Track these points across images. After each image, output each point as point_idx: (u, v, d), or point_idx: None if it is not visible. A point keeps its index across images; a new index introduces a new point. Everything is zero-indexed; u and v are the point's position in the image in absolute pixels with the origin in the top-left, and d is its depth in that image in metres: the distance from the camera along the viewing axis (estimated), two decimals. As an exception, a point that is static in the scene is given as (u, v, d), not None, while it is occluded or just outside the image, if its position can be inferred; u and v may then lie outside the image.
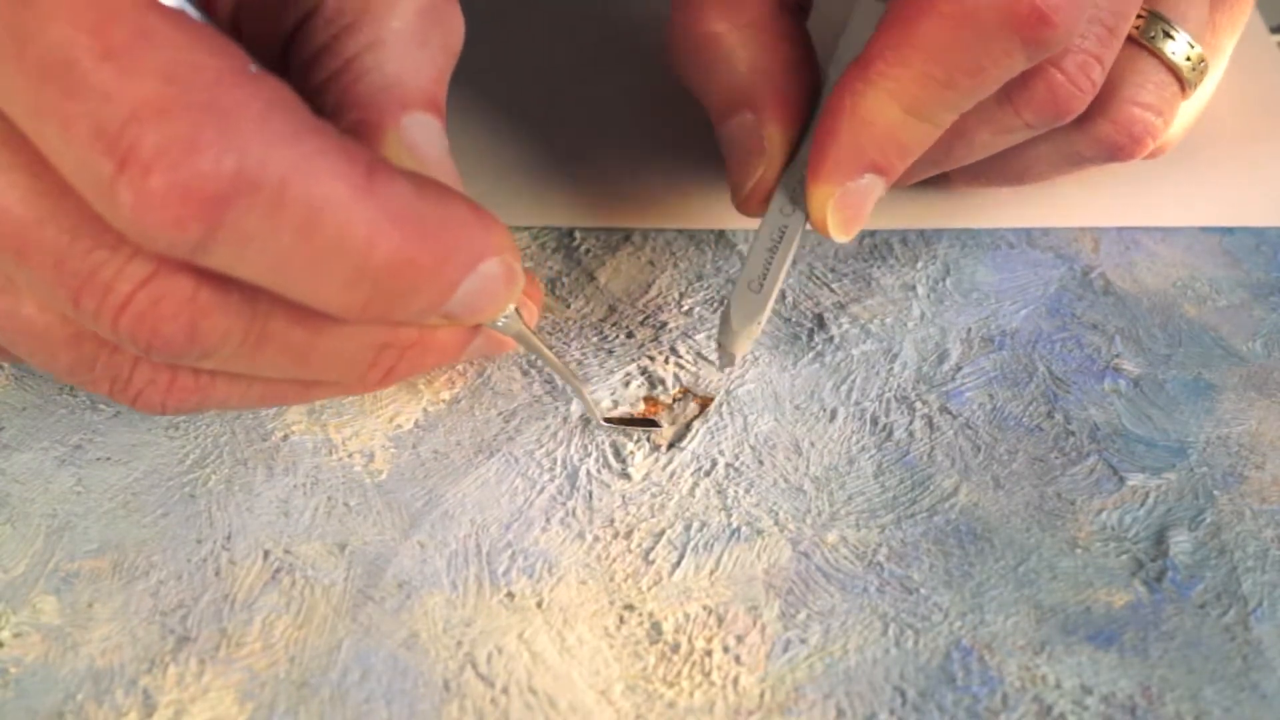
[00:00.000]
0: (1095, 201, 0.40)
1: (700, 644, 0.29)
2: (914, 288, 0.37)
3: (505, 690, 0.28)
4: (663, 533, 0.31)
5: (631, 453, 0.33)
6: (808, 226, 0.32)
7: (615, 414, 0.34)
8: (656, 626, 0.29)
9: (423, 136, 0.27)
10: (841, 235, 0.31)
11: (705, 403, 0.34)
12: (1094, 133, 0.34)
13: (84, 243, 0.23)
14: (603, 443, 0.33)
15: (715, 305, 0.37)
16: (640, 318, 0.36)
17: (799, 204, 0.32)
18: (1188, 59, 0.33)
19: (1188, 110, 0.36)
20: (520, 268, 0.27)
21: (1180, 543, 0.30)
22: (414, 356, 0.28)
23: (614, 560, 0.30)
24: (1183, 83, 0.34)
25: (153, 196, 0.21)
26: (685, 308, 0.37)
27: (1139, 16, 0.33)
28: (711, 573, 0.30)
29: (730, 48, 0.32)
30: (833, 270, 0.38)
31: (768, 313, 0.32)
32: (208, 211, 0.21)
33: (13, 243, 0.23)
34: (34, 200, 0.23)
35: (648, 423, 0.33)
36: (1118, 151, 0.34)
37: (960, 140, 0.32)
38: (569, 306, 0.37)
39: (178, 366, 0.26)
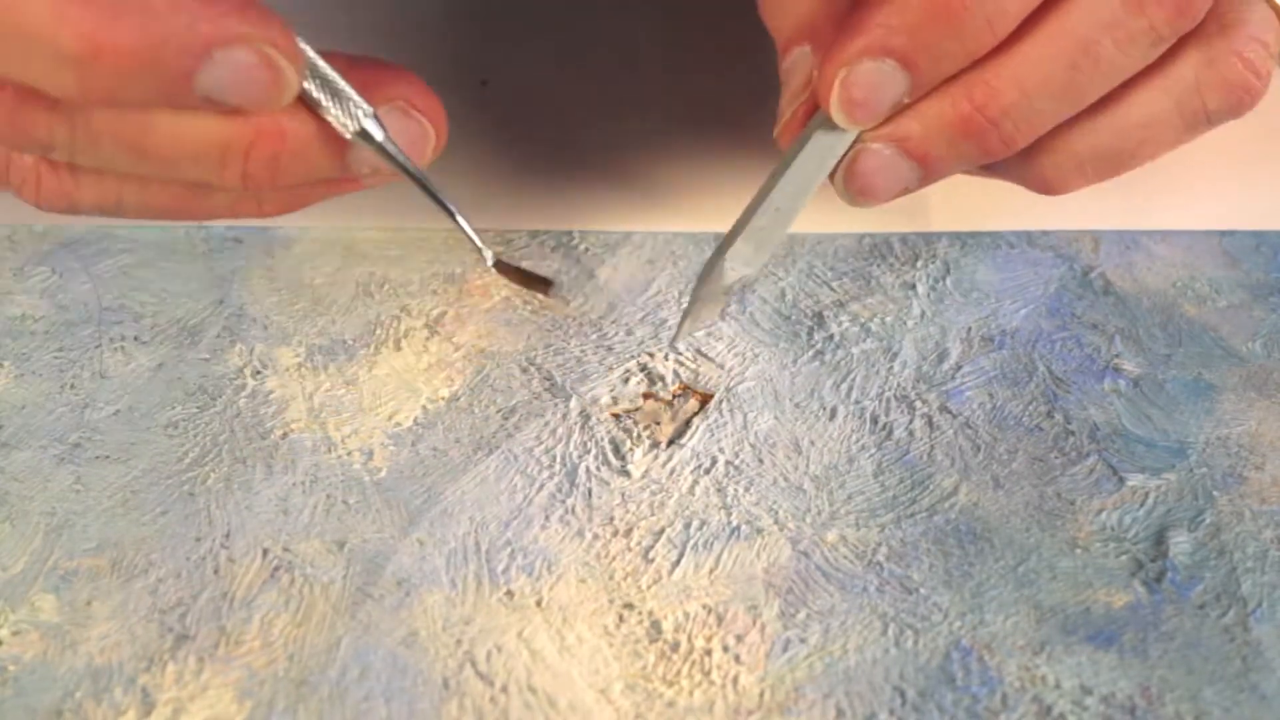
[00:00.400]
0: (1094, 205, 0.40)
1: (700, 643, 0.29)
2: (914, 286, 0.37)
3: (505, 689, 0.28)
4: (662, 531, 0.31)
5: (631, 449, 0.33)
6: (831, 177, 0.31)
7: (617, 409, 0.34)
8: (656, 625, 0.29)
9: None
10: (843, 117, 0.29)
11: (705, 399, 0.34)
12: (1223, 73, 0.31)
13: None
14: (602, 439, 0.33)
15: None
16: (640, 315, 0.36)
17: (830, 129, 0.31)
18: None
19: None
20: (287, 59, 0.26)
21: (1180, 543, 0.30)
22: (263, 158, 0.28)
23: (613, 558, 0.30)
24: None
25: None
26: (685, 305, 0.36)
27: None
28: (711, 571, 0.30)
29: None
30: (832, 269, 0.38)
31: (783, 234, 0.31)
32: None
33: None
34: None
35: (540, 281, 0.33)
36: (1245, 94, 0.31)
37: (1085, 57, 0.29)
38: (569, 304, 0.37)
39: (40, 164, 0.28)
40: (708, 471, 0.32)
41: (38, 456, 0.32)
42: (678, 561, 0.30)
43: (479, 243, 0.31)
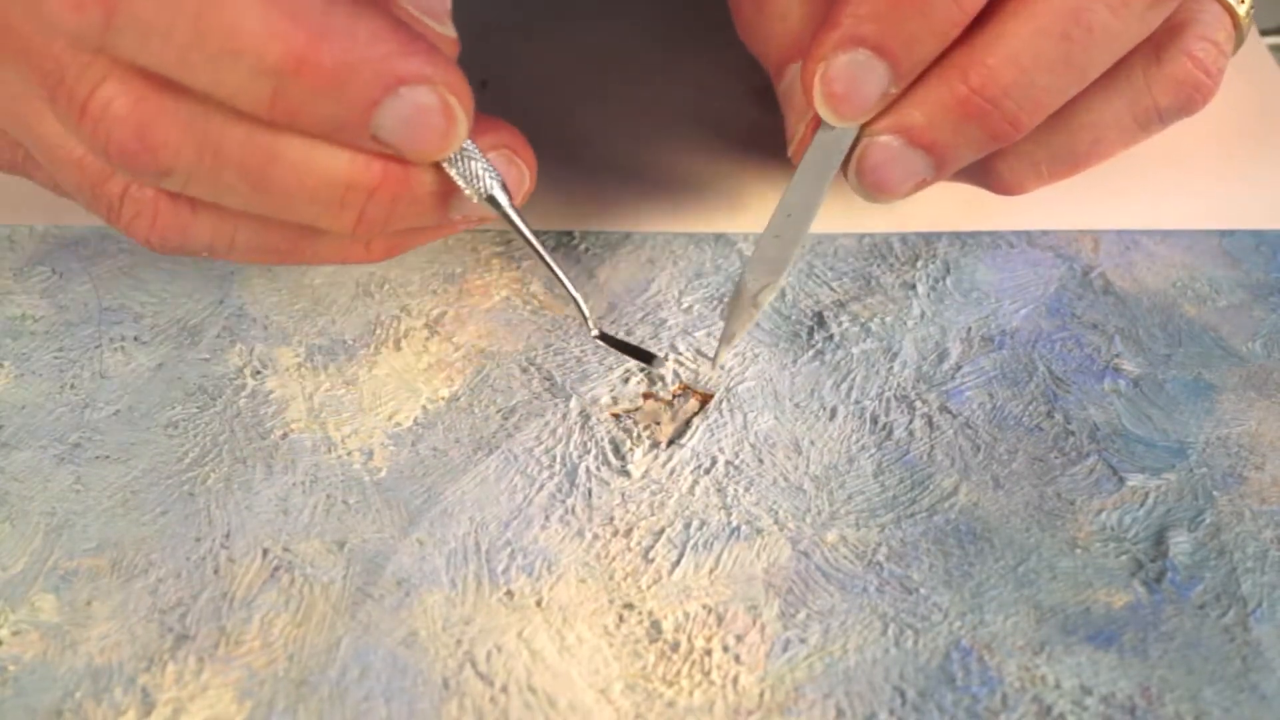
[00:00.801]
0: (1094, 205, 0.40)
1: (700, 643, 0.29)
2: (914, 286, 0.37)
3: (504, 689, 0.28)
4: (662, 531, 0.31)
5: (631, 449, 0.33)
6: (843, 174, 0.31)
7: (617, 409, 0.34)
8: (656, 625, 0.29)
9: None
10: (830, 114, 0.30)
11: (705, 399, 0.34)
12: (1172, 71, 0.31)
13: (59, 44, 0.25)
14: (602, 439, 0.33)
15: (715, 303, 0.36)
16: (640, 315, 0.36)
17: (829, 128, 0.31)
18: (1244, 1, 0.32)
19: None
20: (463, 111, 0.27)
21: (1180, 543, 0.30)
22: (384, 201, 0.28)
23: (613, 558, 0.30)
24: (1238, 30, 0.32)
25: None
26: (685, 305, 0.37)
27: None
28: (711, 571, 0.30)
29: (785, 3, 0.32)
30: (833, 269, 0.38)
31: (800, 239, 0.31)
32: None
33: (11, 40, 0.26)
34: (28, 5, 0.25)
35: (643, 354, 0.33)
36: (1195, 91, 0.31)
37: (1077, 26, 0.28)
38: (568, 305, 0.37)
39: (160, 197, 0.28)
40: (708, 471, 0.32)
41: (38, 456, 0.32)
42: (678, 561, 0.30)
43: (586, 311, 0.32)
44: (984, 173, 0.33)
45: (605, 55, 0.46)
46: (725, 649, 0.28)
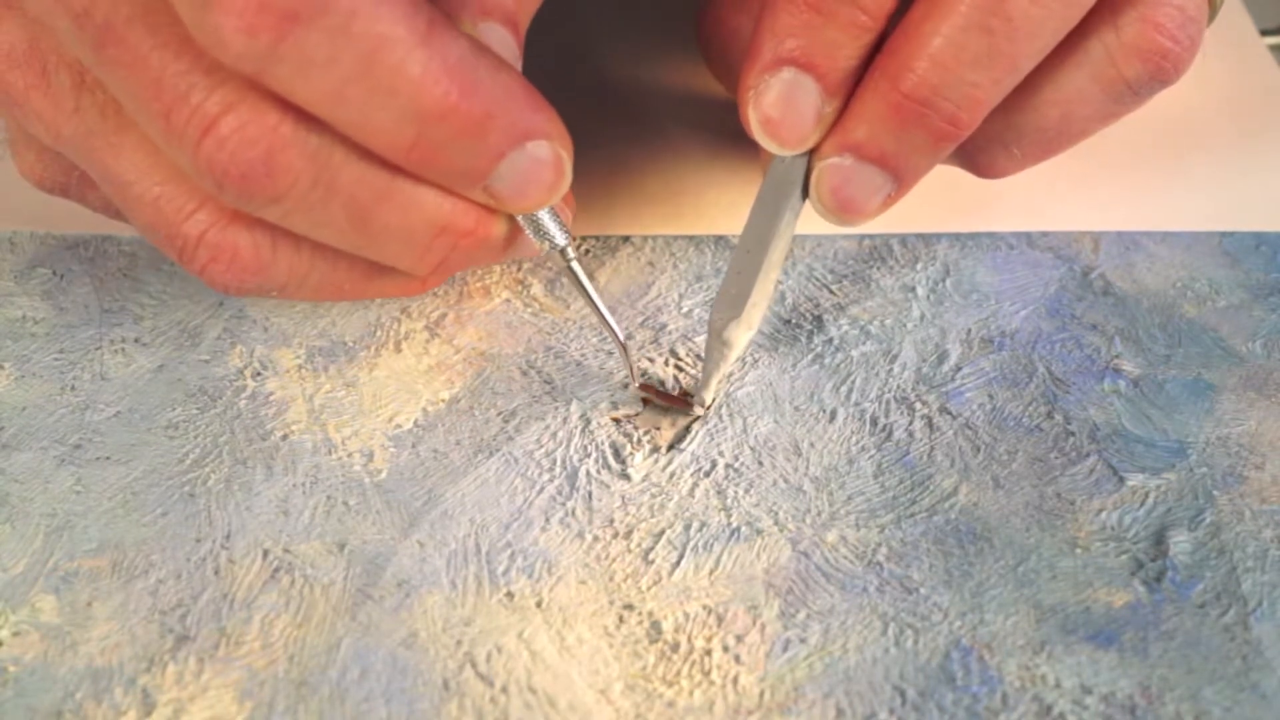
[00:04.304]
0: (1094, 205, 0.40)
1: (700, 643, 0.29)
2: (913, 289, 0.37)
3: (505, 689, 0.28)
4: (662, 533, 0.31)
5: (631, 453, 0.33)
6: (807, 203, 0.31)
7: (617, 413, 0.34)
8: (656, 626, 0.29)
9: (497, 45, 0.28)
10: (770, 143, 0.30)
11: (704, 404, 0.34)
12: (1133, 40, 0.30)
13: (183, 63, 0.25)
14: (602, 443, 0.33)
15: (715, 305, 0.37)
16: (640, 319, 0.36)
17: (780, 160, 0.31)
18: None
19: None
20: (570, 166, 0.28)
21: (1180, 543, 0.30)
22: (466, 247, 0.29)
23: (613, 560, 0.30)
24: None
25: (233, 2, 0.23)
26: (685, 309, 0.37)
27: None
28: (711, 572, 0.30)
29: (746, 39, 0.32)
30: (832, 271, 0.38)
31: (761, 275, 0.32)
32: (278, 23, 0.23)
33: (125, 55, 0.26)
34: (145, 17, 0.25)
35: (684, 402, 0.34)
36: (1162, 59, 0.30)
37: (995, 18, 0.28)
38: (568, 307, 0.37)
39: (239, 239, 0.28)
40: (708, 474, 0.32)
41: (38, 458, 0.32)
42: (678, 563, 0.30)
43: (634, 367, 0.34)
44: (960, 158, 0.33)
45: (604, 56, 0.46)
46: (725, 649, 0.28)
